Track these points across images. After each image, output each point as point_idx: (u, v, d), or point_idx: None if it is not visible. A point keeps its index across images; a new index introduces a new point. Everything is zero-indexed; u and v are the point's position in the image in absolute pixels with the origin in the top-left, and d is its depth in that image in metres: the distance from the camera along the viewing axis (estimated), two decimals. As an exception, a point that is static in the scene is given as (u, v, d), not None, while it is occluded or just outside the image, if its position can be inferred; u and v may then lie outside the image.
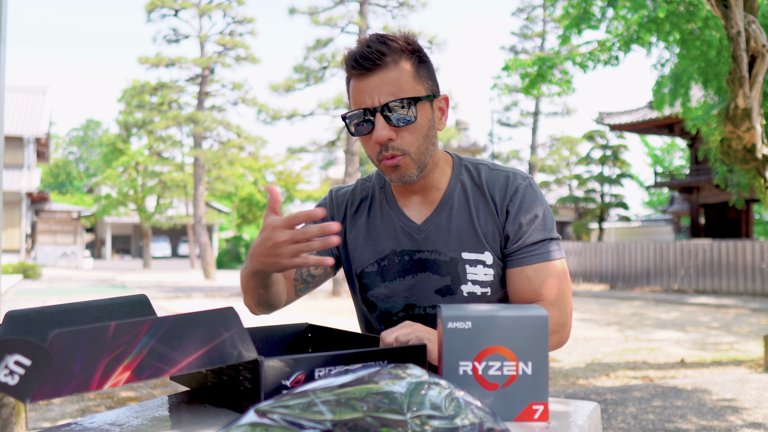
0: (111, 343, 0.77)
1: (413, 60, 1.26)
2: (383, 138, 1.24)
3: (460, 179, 1.38)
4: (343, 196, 1.46)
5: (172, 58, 21.70)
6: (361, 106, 1.25)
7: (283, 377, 0.91)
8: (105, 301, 1.12)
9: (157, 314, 1.18)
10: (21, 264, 20.01)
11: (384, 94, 1.23)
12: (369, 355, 0.99)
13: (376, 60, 1.23)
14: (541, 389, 0.93)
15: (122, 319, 1.13)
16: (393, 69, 1.24)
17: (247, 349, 0.89)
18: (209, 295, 14.87)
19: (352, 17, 16.19)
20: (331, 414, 0.68)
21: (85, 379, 0.76)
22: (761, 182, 5.08)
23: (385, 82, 1.23)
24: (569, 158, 28.73)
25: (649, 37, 7.05)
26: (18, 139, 26.31)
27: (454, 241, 1.34)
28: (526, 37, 28.14)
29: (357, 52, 1.24)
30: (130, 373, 0.79)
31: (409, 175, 1.29)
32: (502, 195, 1.34)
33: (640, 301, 13.65)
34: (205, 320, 0.85)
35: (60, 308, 1.07)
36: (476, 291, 1.33)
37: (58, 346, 0.74)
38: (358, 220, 1.43)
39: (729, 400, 4.72)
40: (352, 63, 1.25)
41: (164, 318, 0.82)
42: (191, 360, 0.84)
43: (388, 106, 1.23)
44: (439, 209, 1.36)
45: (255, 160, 26.73)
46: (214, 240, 36.81)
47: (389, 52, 1.24)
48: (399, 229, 1.37)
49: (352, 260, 1.42)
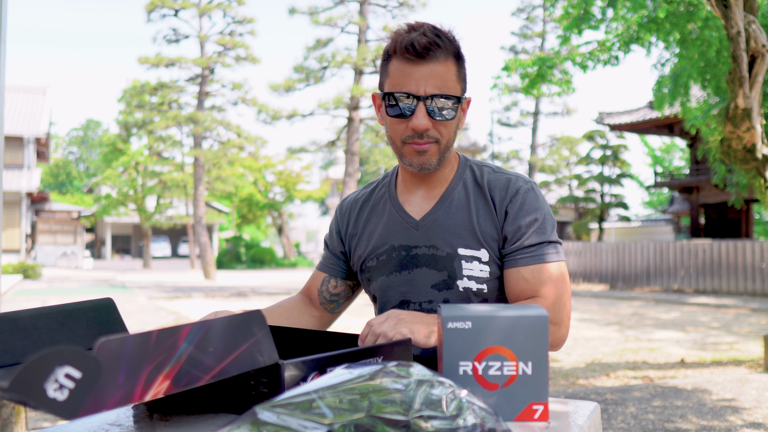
0: (153, 350, 0.73)
1: (456, 58, 1.30)
2: (422, 127, 1.28)
3: (463, 178, 1.40)
4: (347, 204, 1.53)
5: (172, 58, 21.70)
6: (405, 90, 1.27)
7: (302, 378, 0.91)
8: (71, 306, 1.10)
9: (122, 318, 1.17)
10: (21, 264, 20.00)
11: (431, 86, 1.27)
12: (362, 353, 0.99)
13: (430, 50, 1.26)
14: (541, 389, 0.93)
15: (89, 324, 1.11)
16: (442, 63, 1.27)
17: (271, 352, 0.87)
18: (209, 295, 14.87)
19: (352, 17, 16.19)
20: (332, 414, 0.69)
21: (128, 390, 0.71)
22: (761, 182, 5.08)
23: (434, 74, 1.27)
24: (569, 158, 28.74)
25: (649, 37, 7.05)
26: (18, 139, 26.31)
27: (451, 237, 1.35)
28: (526, 37, 28.14)
29: (414, 38, 1.26)
30: (169, 383, 0.75)
31: (430, 163, 1.33)
32: (502, 196, 1.35)
33: (640, 301, 13.64)
34: (234, 324, 0.83)
35: (25, 314, 1.04)
36: (472, 287, 1.34)
37: (105, 355, 0.68)
38: (361, 218, 1.48)
39: (729, 400, 4.72)
40: (407, 47, 1.26)
41: (201, 323, 0.79)
42: (224, 366, 0.81)
43: (432, 98, 1.27)
44: (439, 205, 1.38)
45: (255, 160, 26.74)
46: (214, 240, 36.80)
47: (443, 45, 1.27)
48: (398, 225, 1.40)
49: (357, 256, 1.47)
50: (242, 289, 16.73)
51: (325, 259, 1.55)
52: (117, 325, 1.16)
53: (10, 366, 0.99)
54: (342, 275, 1.52)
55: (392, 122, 1.32)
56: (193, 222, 22.67)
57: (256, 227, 39.07)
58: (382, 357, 1.05)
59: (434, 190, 1.40)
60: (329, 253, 1.54)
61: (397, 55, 1.29)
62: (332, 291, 1.52)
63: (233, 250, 31.38)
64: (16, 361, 1.00)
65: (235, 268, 29.80)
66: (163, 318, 9.70)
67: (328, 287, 1.52)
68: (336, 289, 1.52)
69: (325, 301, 1.52)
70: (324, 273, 1.53)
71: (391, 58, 1.30)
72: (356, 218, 1.49)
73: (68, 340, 1.08)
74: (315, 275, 1.55)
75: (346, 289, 1.53)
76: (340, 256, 1.52)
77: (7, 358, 1.00)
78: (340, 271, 1.52)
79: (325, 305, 1.52)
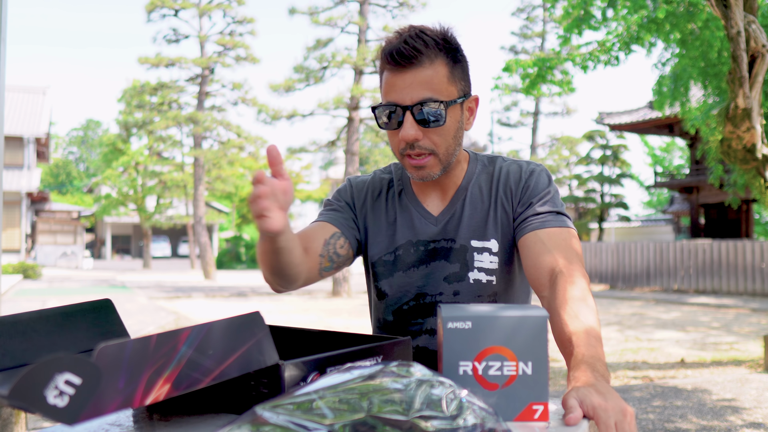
0: (153, 354, 0.73)
1: (449, 59, 1.25)
2: (410, 137, 1.24)
3: (476, 171, 1.40)
4: (362, 184, 1.47)
5: (172, 58, 21.70)
6: (392, 101, 1.25)
7: (301, 379, 0.91)
8: (69, 308, 1.09)
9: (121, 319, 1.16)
10: (21, 264, 20.00)
11: (416, 94, 1.22)
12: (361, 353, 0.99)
13: (412, 57, 1.21)
14: (541, 389, 0.93)
15: (88, 326, 1.11)
16: (428, 68, 1.22)
17: (271, 353, 0.88)
18: (209, 295, 14.87)
19: (352, 17, 16.18)
20: (332, 414, 0.68)
21: (129, 395, 0.71)
22: (761, 182, 5.08)
23: (419, 81, 1.22)
24: (569, 158, 28.74)
25: (649, 37, 7.04)
26: (18, 139, 26.31)
27: (465, 230, 1.36)
28: (526, 37, 28.15)
29: (394, 46, 1.23)
30: (170, 386, 0.75)
31: (431, 175, 1.31)
32: (517, 178, 1.36)
33: (640, 301, 13.64)
34: (234, 326, 0.83)
35: (23, 317, 1.03)
36: (482, 278, 1.34)
37: (104, 360, 0.69)
38: (378, 209, 1.44)
39: (729, 400, 4.72)
40: (388, 57, 1.23)
41: (201, 325, 0.79)
42: (224, 368, 0.82)
43: (418, 106, 1.23)
44: (455, 201, 1.38)
45: (255, 160, 26.71)
46: (214, 240, 36.80)
47: (426, 50, 1.22)
48: (416, 220, 1.39)
49: (370, 248, 1.43)
50: (242, 289, 16.73)
51: (338, 217, 1.41)
52: (116, 326, 1.16)
53: (11, 369, 0.99)
54: (352, 240, 1.41)
55: (388, 135, 1.31)
56: (193, 222, 22.67)
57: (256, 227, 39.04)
58: (381, 356, 1.05)
59: (448, 189, 1.40)
60: (342, 214, 1.42)
61: (383, 66, 1.27)
62: (338, 250, 1.37)
63: (233, 250, 31.39)
64: (17, 364, 1.01)
65: (235, 268, 29.81)
66: (163, 318, 9.70)
67: (336, 244, 1.37)
68: (341, 249, 1.38)
69: (326, 255, 1.35)
70: (336, 228, 1.38)
71: (383, 69, 1.28)
72: (372, 202, 1.44)
73: (68, 341, 1.08)
74: (323, 226, 1.38)
75: (347, 255, 1.40)
76: (352, 224, 1.42)
77: (7, 362, 1.00)
78: (351, 235, 1.40)
79: (323, 260, 1.34)
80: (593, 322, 1.11)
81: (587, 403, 0.90)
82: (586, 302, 1.14)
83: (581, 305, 1.13)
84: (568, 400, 0.92)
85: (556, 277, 1.20)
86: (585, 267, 1.32)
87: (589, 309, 1.13)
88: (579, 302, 1.14)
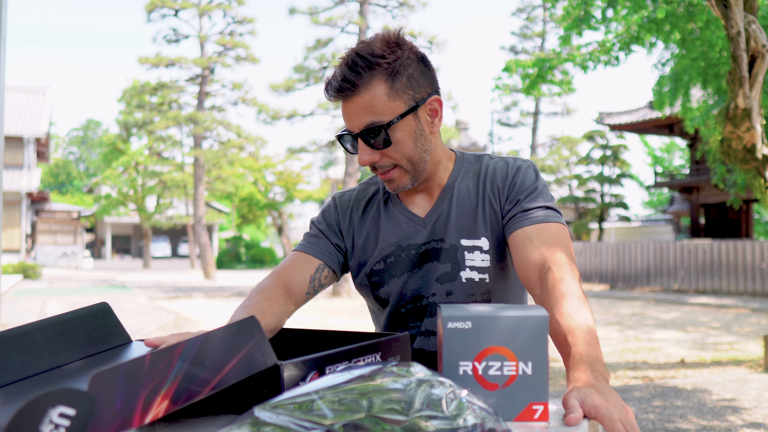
0: (148, 374, 0.74)
1: (388, 76, 1.23)
2: (365, 162, 1.27)
3: (462, 170, 1.40)
4: (347, 202, 1.48)
5: (172, 58, 21.70)
6: (346, 129, 1.29)
7: (301, 378, 0.91)
8: (66, 316, 1.09)
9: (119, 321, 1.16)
10: (21, 264, 20.00)
11: (359, 121, 1.24)
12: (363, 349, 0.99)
13: (345, 90, 1.23)
14: (541, 389, 0.93)
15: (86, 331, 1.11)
16: (365, 93, 1.23)
17: (269, 355, 0.88)
18: (209, 295, 14.87)
19: (352, 17, 16.19)
20: (332, 414, 0.68)
21: (127, 416, 0.72)
22: (761, 182, 5.08)
23: (358, 108, 1.24)
24: (569, 158, 28.75)
25: (649, 37, 7.04)
26: (18, 139, 26.31)
27: (453, 229, 1.36)
28: (526, 37, 28.16)
29: (329, 80, 1.25)
30: (168, 402, 0.76)
31: (403, 186, 1.32)
32: (504, 175, 1.36)
33: (640, 301, 13.64)
34: (230, 334, 0.84)
35: (20, 330, 1.03)
36: (474, 277, 1.34)
37: (98, 387, 0.69)
38: (365, 222, 1.44)
39: (729, 400, 4.72)
40: (326, 92, 1.26)
41: (195, 339, 0.80)
42: (222, 376, 0.82)
43: (365, 131, 1.25)
44: (441, 200, 1.38)
45: (255, 160, 26.71)
46: (214, 240, 36.80)
47: (358, 78, 1.22)
48: (404, 225, 1.40)
49: (360, 260, 1.44)
50: (242, 289, 16.72)
51: (321, 247, 1.43)
52: (115, 328, 1.15)
53: (11, 384, 0.99)
54: (336, 267, 1.43)
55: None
56: (193, 222, 22.67)
57: (256, 227, 39.05)
58: (380, 353, 1.05)
59: (433, 190, 1.40)
60: (326, 241, 1.44)
61: (328, 98, 1.29)
62: (322, 281, 1.40)
63: (233, 250, 31.40)
64: (17, 378, 1.00)
65: (235, 268, 29.81)
66: (163, 318, 9.69)
67: (321, 277, 1.40)
68: (326, 280, 1.41)
69: (311, 291, 1.38)
70: (319, 261, 1.40)
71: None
72: (359, 218, 1.45)
73: (67, 349, 1.07)
74: (306, 261, 1.40)
75: (331, 280, 1.43)
76: (337, 249, 1.44)
77: (8, 376, 0.99)
78: (335, 263, 1.42)
79: (308, 296, 1.38)
80: (587, 318, 1.11)
81: (588, 403, 0.91)
82: (578, 297, 1.15)
83: (572, 301, 1.13)
84: (568, 400, 0.92)
85: (546, 274, 1.20)
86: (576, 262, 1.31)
87: (581, 304, 1.13)
88: (570, 298, 1.14)
